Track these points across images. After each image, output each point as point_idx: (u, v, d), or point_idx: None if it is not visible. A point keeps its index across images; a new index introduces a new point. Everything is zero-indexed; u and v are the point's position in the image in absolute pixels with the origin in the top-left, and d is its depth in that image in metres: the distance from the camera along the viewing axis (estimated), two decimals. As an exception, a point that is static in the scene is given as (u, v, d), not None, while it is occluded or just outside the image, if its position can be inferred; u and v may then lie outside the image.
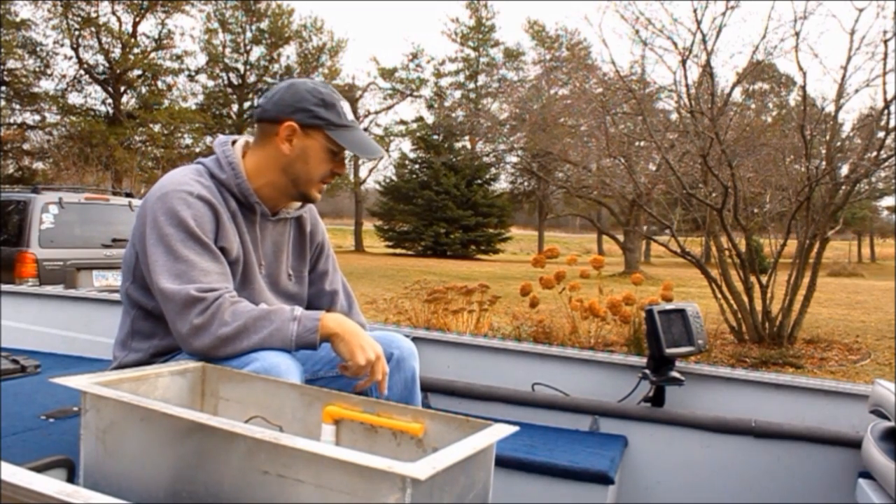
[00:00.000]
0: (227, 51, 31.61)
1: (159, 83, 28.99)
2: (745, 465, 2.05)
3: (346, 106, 1.67)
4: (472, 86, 35.74)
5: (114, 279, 7.20)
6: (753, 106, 11.60)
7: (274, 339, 1.47)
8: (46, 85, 26.79)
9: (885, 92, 7.30)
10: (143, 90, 28.49)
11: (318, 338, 1.49)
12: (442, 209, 29.66)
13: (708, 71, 7.98)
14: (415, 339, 2.06)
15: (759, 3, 9.61)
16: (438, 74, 35.42)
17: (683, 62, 8.07)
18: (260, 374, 1.41)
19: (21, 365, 2.23)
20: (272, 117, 1.63)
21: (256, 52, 31.88)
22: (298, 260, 1.80)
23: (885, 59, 7.15)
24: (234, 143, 1.70)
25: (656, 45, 9.26)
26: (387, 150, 34.82)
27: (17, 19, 24.57)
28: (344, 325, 1.52)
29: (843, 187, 7.72)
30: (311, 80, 1.68)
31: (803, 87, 7.78)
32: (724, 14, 7.81)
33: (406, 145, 35.35)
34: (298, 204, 1.77)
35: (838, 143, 8.10)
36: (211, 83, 31.76)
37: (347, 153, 1.69)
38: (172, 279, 1.48)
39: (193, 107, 29.67)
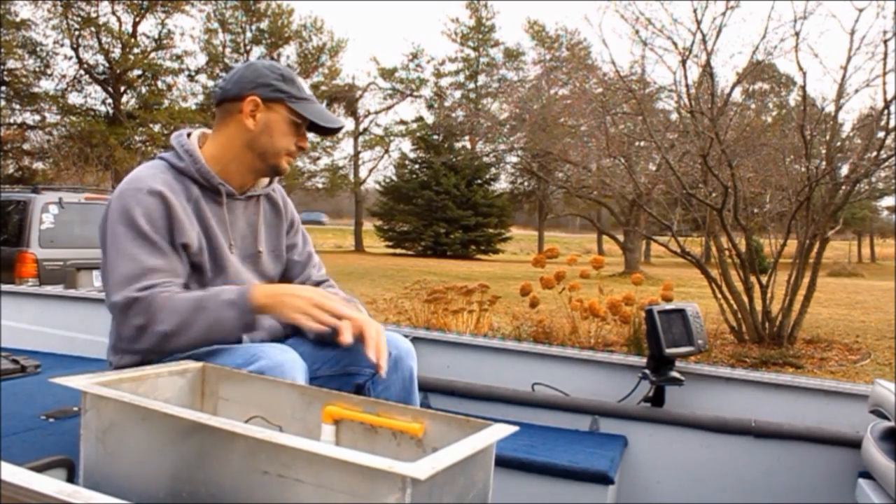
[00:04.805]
0: (227, 51, 31.61)
1: (159, 83, 29.00)
2: (745, 465, 2.05)
3: (303, 82, 1.71)
4: (472, 86, 35.75)
5: (114, 279, 7.19)
6: (753, 106, 11.60)
7: (215, 331, 1.48)
8: (46, 85, 26.83)
9: (885, 92, 7.32)
10: (143, 90, 28.50)
11: (253, 318, 1.50)
12: (442, 209, 29.65)
13: (708, 71, 7.98)
14: (414, 339, 2.06)
15: (759, 3, 9.62)
16: (438, 74, 35.45)
17: (683, 62, 8.08)
18: (263, 375, 1.41)
19: (21, 365, 2.23)
20: (234, 95, 1.65)
21: (256, 52, 31.86)
22: (276, 237, 1.80)
23: (885, 59, 7.17)
24: (189, 135, 1.73)
25: (656, 45, 9.27)
26: (387, 151, 34.88)
27: (17, 19, 24.57)
28: (271, 292, 1.52)
29: (843, 187, 7.72)
30: (268, 59, 1.72)
31: (803, 87, 7.80)
32: (724, 14, 7.84)
33: (406, 145, 35.38)
34: (266, 181, 1.78)
35: (838, 143, 8.10)
36: (211, 83, 31.75)
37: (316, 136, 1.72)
38: (115, 286, 1.49)
39: (193, 107, 29.64)
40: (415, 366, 1.69)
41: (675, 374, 2.15)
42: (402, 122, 35.56)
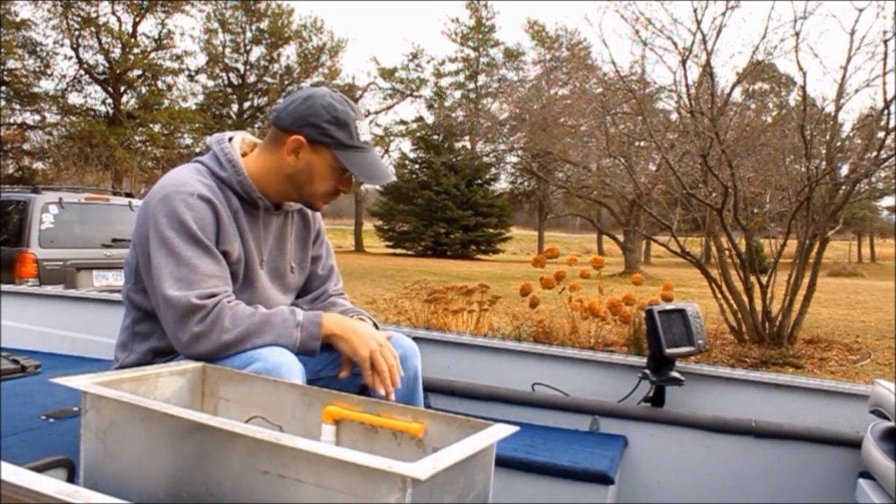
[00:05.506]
0: (227, 51, 31.60)
1: (159, 83, 29.00)
2: (745, 465, 2.05)
3: (361, 126, 1.63)
4: (472, 86, 35.74)
5: (114, 279, 7.20)
6: (753, 106, 11.60)
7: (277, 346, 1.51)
8: (46, 85, 26.85)
9: (885, 92, 7.31)
10: (143, 90, 28.50)
11: (319, 345, 1.54)
12: (442, 209, 29.65)
13: (708, 71, 7.98)
14: (415, 340, 2.06)
15: (759, 3, 9.62)
16: (438, 74, 35.43)
17: (683, 62, 8.08)
18: (261, 375, 1.41)
19: (21, 365, 2.23)
20: (284, 126, 1.62)
21: (256, 52, 31.90)
22: (302, 250, 1.81)
23: (885, 59, 7.16)
24: (230, 139, 1.70)
25: (656, 45, 9.27)
26: (387, 151, 34.84)
27: (17, 19, 24.57)
28: (343, 325, 1.57)
29: (843, 187, 7.72)
30: (331, 94, 1.63)
31: (803, 87, 7.79)
32: (724, 14, 7.82)
33: (406, 145, 35.38)
34: None
35: (838, 143, 8.10)
36: (211, 83, 31.78)
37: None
38: (174, 284, 1.48)
39: (193, 107, 29.66)
40: (419, 365, 1.70)
41: (675, 374, 2.15)
42: (402, 122, 35.58)
